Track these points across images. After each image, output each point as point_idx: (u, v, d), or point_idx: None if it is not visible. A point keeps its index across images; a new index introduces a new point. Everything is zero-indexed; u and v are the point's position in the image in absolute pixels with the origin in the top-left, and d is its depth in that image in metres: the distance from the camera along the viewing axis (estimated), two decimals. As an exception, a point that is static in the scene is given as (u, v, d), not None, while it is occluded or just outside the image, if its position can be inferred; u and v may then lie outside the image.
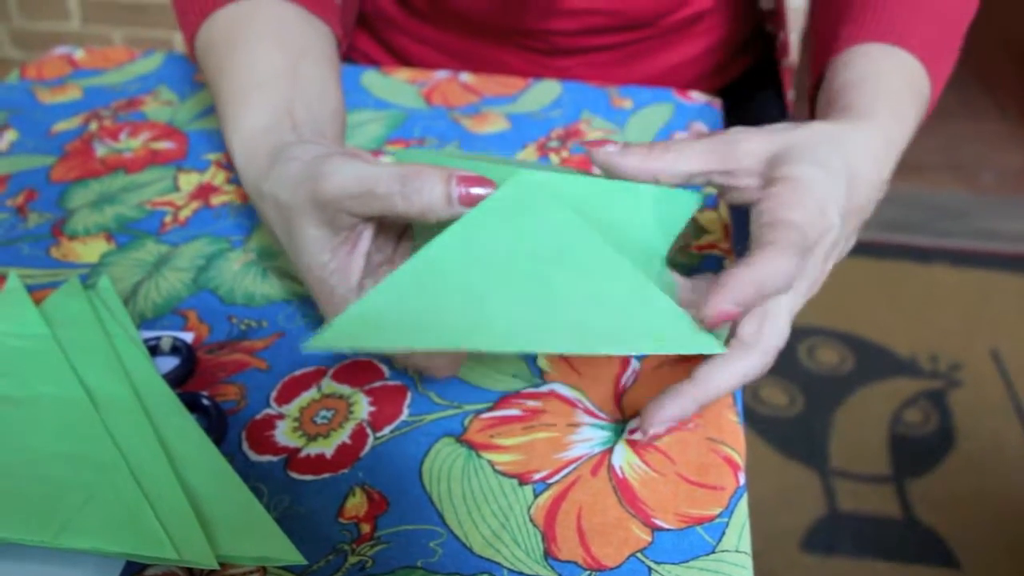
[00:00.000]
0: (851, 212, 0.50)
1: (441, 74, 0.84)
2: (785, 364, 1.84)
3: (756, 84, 0.95)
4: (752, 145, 0.49)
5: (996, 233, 2.25)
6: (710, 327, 0.43)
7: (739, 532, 0.45)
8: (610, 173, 0.49)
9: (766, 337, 0.46)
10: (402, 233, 0.53)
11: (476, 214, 0.43)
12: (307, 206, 0.48)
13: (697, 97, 0.81)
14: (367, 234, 0.49)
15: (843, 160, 0.49)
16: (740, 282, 0.42)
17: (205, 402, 0.49)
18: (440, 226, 0.46)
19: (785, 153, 0.49)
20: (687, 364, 0.53)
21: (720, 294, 0.42)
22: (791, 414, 1.73)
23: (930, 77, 0.60)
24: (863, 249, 2.14)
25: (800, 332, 1.92)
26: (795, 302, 0.48)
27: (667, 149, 0.49)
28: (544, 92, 0.81)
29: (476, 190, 0.44)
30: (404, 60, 0.91)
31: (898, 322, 1.96)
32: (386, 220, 0.49)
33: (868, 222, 0.54)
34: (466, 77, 0.83)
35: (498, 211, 0.43)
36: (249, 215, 0.65)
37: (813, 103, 0.64)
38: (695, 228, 0.65)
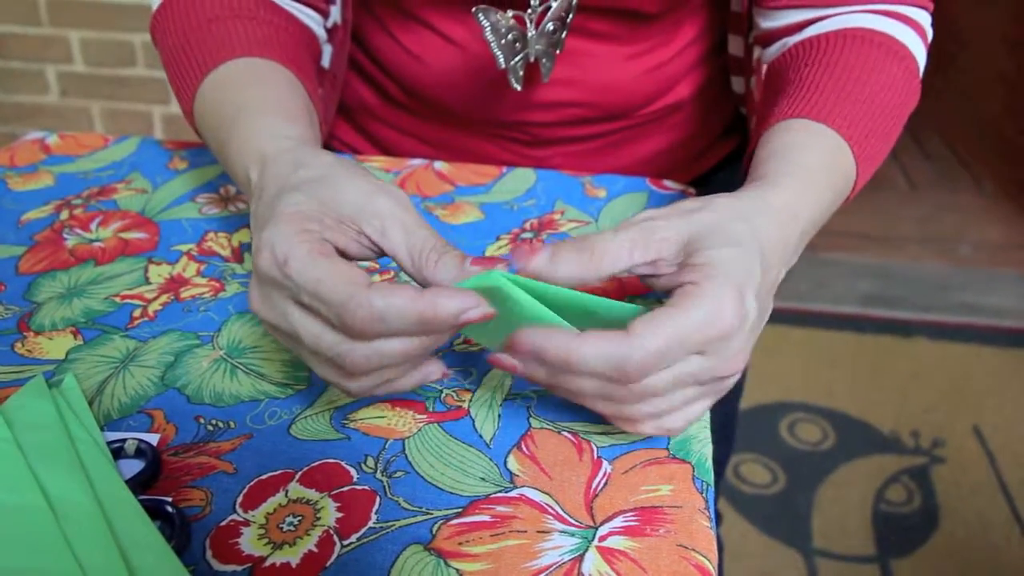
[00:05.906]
0: (764, 288, 0.51)
1: (415, 162, 0.84)
2: (766, 441, 1.83)
3: (737, 168, 0.95)
4: (668, 232, 0.50)
5: (977, 307, 2.27)
6: None
7: (712, 645, 0.44)
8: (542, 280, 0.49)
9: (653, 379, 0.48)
10: None
11: None
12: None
13: (671, 186, 0.81)
14: None
15: (753, 234, 0.51)
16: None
17: (169, 509, 0.48)
18: None
19: (699, 237, 0.50)
20: (658, 465, 0.53)
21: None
22: (773, 492, 1.72)
23: (856, 157, 0.62)
24: (844, 323, 2.15)
25: (781, 408, 1.91)
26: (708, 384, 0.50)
27: (592, 252, 0.49)
28: (518, 180, 0.81)
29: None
30: (384, 149, 0.91)
31: (879, 397, 1.96)
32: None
33: (848, 296, 0.55)
34: (440, 165, 0.84)
35: None
36: (219, 309, 0.64)
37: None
38: None
